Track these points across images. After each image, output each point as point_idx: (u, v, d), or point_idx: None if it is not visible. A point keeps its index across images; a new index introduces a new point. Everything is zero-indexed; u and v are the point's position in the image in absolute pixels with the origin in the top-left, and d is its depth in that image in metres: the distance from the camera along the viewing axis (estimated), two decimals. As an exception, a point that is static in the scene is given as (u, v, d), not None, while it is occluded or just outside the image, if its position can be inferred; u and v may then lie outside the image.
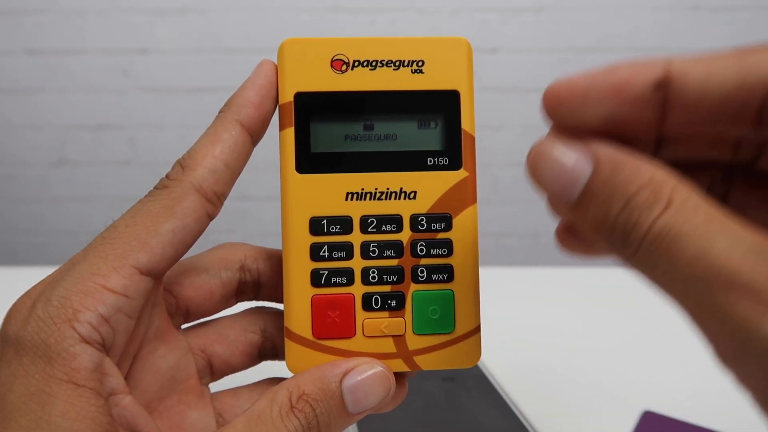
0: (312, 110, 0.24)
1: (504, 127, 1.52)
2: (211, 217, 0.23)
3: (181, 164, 0.23)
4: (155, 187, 0.23)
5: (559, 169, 0.18)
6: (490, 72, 1.50)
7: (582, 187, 0.17)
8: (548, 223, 1.55)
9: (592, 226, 0.17)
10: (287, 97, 0.24)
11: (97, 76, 1.52)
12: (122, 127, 1.54)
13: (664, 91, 0.18)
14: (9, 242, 1.62)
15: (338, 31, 1.49)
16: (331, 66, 0.24)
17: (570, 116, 0.18)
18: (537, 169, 0.18)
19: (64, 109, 1.54)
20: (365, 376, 0.22)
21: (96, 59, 1.52)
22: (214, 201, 0.23)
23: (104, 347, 0.21)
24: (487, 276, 0.29)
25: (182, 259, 0.25)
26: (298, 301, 0.24)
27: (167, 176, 0.23)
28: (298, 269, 0.24)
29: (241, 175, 0.24)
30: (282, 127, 0.24)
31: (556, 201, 0.18)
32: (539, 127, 1.48)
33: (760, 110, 0.17)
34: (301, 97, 0.24)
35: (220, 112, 0.24)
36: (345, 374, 0.22)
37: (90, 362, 0.20)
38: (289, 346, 0.24)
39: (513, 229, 1.56)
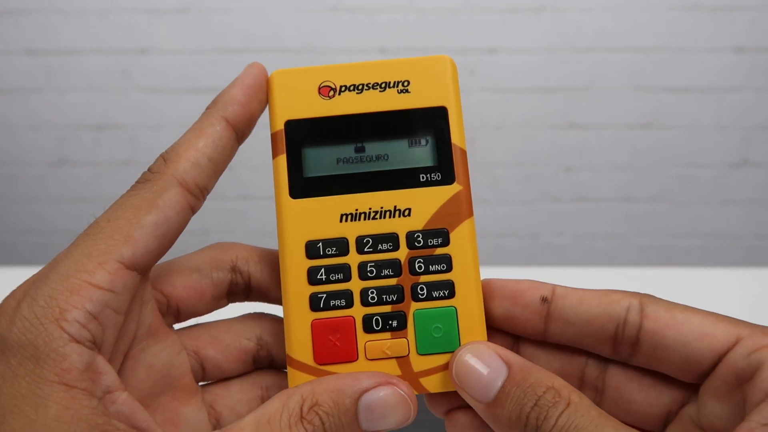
0: (303, 136, 0.24)
1: (504, 127, 1.52)
2: (194, 210, 0.23)
3: (164, 157, 0.23)
4: (137, 181, 0.23)
5: (479, 374, 0.22)
6: (490, 72, 1.50)
7: (498, 388, 0.21)
8: (548, 223, 1.55)
9: (507, 422, 0.21)
10: (278, 125, 0.24)
11: (97, 76, 1.52)
12: (122, 127, 1.54)
13: (547, 305, 0.24)
14: (9, 242, 1.62)
15: (338, 30, 1.49)
16: (319, 93, 0.24)
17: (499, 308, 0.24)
18: (460, 374, 0.22)
19: (64, 109, 1.54)
20: (386, 395, 0.22)
21: (96, 59, 1.52)
22: (197, 194, 0.23)
23: (95, 345, 0.21)
24: (487, 276, 0.29)
25: (173, 258, 0.25)
26: (298, 327, 0.24)
27: (150, 170, 0.23)
28: (297, 294, 0.24)
29: (241, 175, 0.23)
30: (275, 155, 0.24)
31: (476, 400, 0.22)
32: (539, 126, 1.48)
33: (614, 336, 0.23)
34: (291, 125, 0.24)
35: (207, 108, 0.24)
36: (365, 391, 0.22)
37: (80, 362, 0.20)
38: (292, 373, 0.24)
39: (512, 229, 1.56)
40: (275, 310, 0.26)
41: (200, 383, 0.26)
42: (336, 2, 1.48)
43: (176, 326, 0.26)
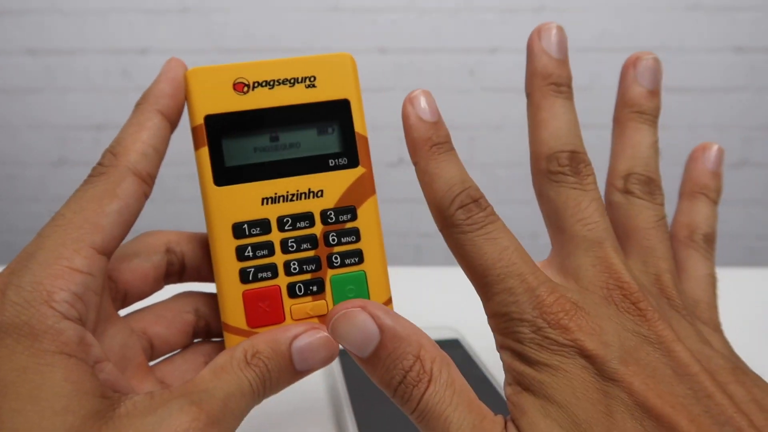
0: (222, 129, 0.27)
1: (504, 127, 1.52)
2: (146, 196, 0.26)
3: (112, 152, 0.26)
4: (91, 175, 0.25)
5: (355, 332, 0.24)
6: (490, 72, 1.50)
7: (372, 350, 0.23)
8: (548, 223, 1.56)
9: (378, 383, 0.24)
10: (198, 120, 0.27)
11: (97, 76, 1.52)
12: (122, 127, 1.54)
13: None
14: (9, 242, 1.62)
15: (338, 30, 1.49)
16: (234, 89, 0.27)
17: None
18: (338, 328, 0.24)
19: (64, 109, 1.54)
20: (312, 339, 0.25)
21: (96, 59, 1.52)
22: (149, 181, 0.26)
23: (82, 322, 0.22)
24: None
25: None
26: (231, 298, 0.27)
27: (100, 164, 0.26)
28: (228, 270, 0.27)
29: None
30: (197, 147, 0.27)
31: (352, 353, 0.24)
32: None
33: None
34: (210, 119, 0.27)
35: (138, 104, 0.27)
36: (295, 338, 0.25)
37: (75, 336, 0.22)
38: (228, 337, 0.27)
39: (513, 229, 1.56)
40: (206, 287, 0.29)
41: (150, 363, 0.29)
42: (336, 2, 1.48)
43: (120, 311, 0.28)
